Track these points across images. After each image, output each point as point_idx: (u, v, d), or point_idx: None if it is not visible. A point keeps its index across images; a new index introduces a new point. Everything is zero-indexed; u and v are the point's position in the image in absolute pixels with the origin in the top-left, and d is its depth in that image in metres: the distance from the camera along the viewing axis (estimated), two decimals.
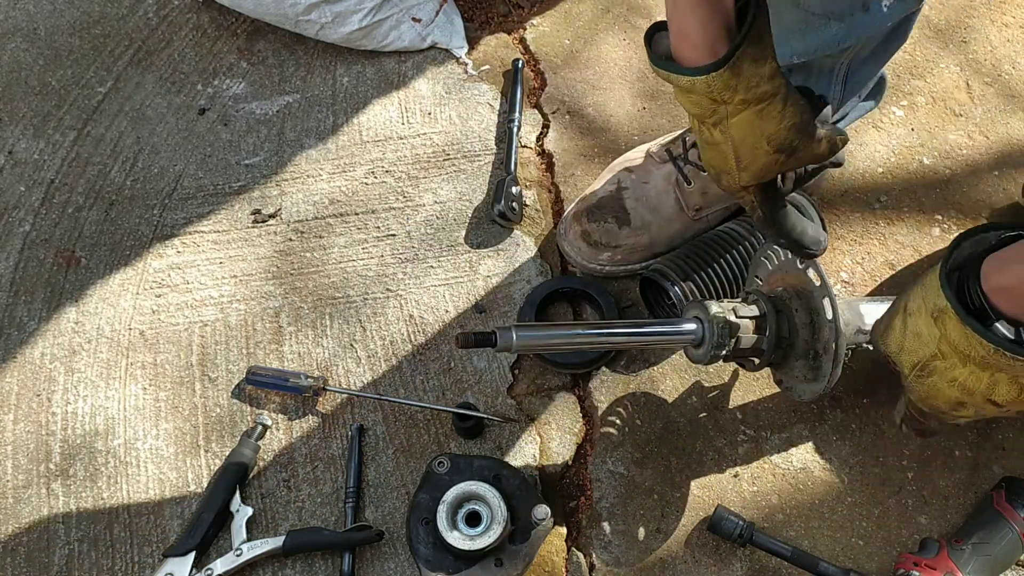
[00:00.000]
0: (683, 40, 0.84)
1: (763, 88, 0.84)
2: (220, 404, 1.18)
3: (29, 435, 1.16)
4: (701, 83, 0.83)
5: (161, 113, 1.42)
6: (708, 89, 0.84)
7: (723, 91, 0.84)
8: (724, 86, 0.83)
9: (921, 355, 0.83)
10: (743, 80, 0.83)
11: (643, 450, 1.16)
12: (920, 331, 0.82)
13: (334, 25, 1.42)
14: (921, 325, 0.82)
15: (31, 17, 1.51)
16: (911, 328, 0.83)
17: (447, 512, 1.04)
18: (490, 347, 0.88)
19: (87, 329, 1.23)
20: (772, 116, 0.86)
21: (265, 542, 1.07)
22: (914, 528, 1.13)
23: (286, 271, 1.29)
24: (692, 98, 0.86)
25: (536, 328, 0.95)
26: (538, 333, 0.95)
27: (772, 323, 1.02)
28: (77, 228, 1.31)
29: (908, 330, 0.84)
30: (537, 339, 0.94)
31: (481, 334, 0.88)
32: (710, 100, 0.85)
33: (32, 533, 1.10)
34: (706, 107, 0.86)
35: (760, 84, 0.84)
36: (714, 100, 0.85)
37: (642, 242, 1.24)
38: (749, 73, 0.83)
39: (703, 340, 1.01)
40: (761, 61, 0.83)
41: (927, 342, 0.82)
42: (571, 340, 1.00)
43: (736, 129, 0.87)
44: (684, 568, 1.10)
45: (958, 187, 1.38)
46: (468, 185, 1.36)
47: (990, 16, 1.56)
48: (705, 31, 0.82)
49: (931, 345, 0.81)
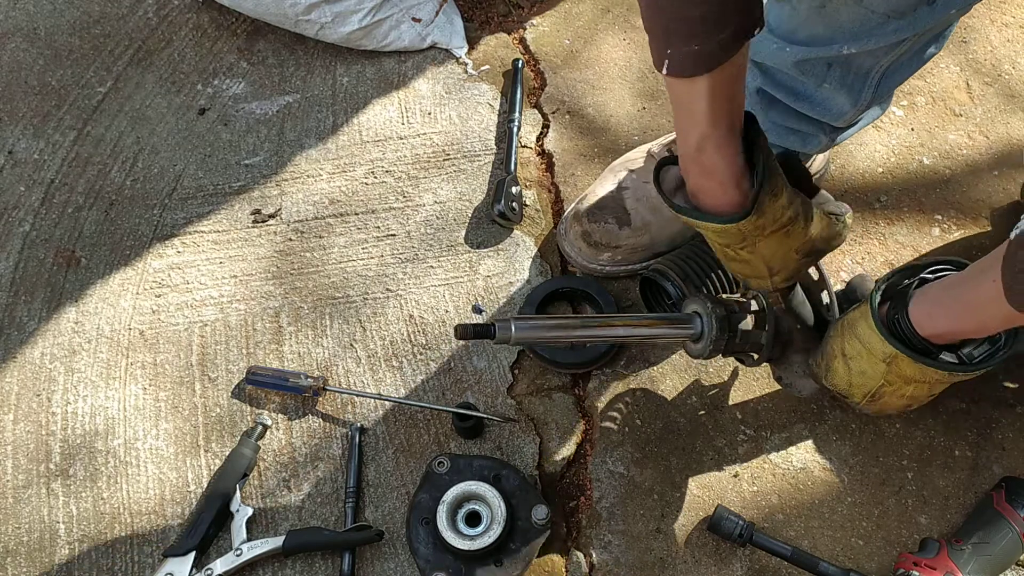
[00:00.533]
0: (709, 178, 0.89)
1: (787, 215, 0.91)
2: (220, 404, 1.18)
3: (29, 435, 1.16)
4: (733, 228, 0.89)
5: (161, 113, 1.42)
6: (740, 232, 0.90)
7: (753, 231, 0.90)
8: (754, 227, 0.90)
9: (870, 387, 0.96)
10: (768, 217, 0.89)
11: (643, 450, 1.16)
12: (865, 370, 0.94)
13: (334, 25, 1.42)
14: (865, 366, 0.94)
15: (31, 17, 1.51)
16: (856, 369, 0.95)
17: (447, 512, 1.04)
18: (489, 339, 0.89)
19: (87, 329, 1.23)
20: (797, 233, 0.94)
21: (265, 542, 1.07)
22: (914, 528, 1.13)
23: (286, 271, 1.29)
24: (721, 236, 0.93)
25: (534, 321, 0.95)
26: (536, 325, 0.95)
27: (771, 318, 1.02)
28: (77, 228, 1.31)
29: (853, 371, 0.96)
30: (535, 332, 0.94)
31: (480, 326, 0.88)
32: (740, 236, 0.91)
33: (32, 533, 1.10)
34: (735, 240, 0.93)
35: (783, 213, 0.90)
36: (744, 237, 0.91)
37: (642, 242, 1.24)
38: (771, 209, 0.89)
39: (702, 335, 1.01)
40: (778, 193, 0.89)
41: (874, 377, 0.94)
42: (569, 333, 1.00)
43: (765, 248, 0.94)
44: (684, 568, 1.10)
45: (958, 187, 1.38)
46: (468, 185, 1.36)
47: (990, 16, 1.56)
48: (732, 167, 0.87)
49: (878, 379, 0.94)
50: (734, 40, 0.79)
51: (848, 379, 0.97)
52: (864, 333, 0.93)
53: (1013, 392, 1.21)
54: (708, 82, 0.81)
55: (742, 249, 0.94)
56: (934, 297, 0.90)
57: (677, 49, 0.79)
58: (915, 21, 0.97)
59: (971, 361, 0.91)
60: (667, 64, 0.80)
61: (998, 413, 1.20)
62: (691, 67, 0.80)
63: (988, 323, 0.87)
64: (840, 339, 0.97)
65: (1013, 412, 1.20)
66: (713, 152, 0.86)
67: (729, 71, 0.81)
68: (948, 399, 1.19)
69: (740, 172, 0.88)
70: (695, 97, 0.82)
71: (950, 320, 0.89)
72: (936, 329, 0.89)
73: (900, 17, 0.96)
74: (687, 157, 0.89)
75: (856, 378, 0.96)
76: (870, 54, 1.02)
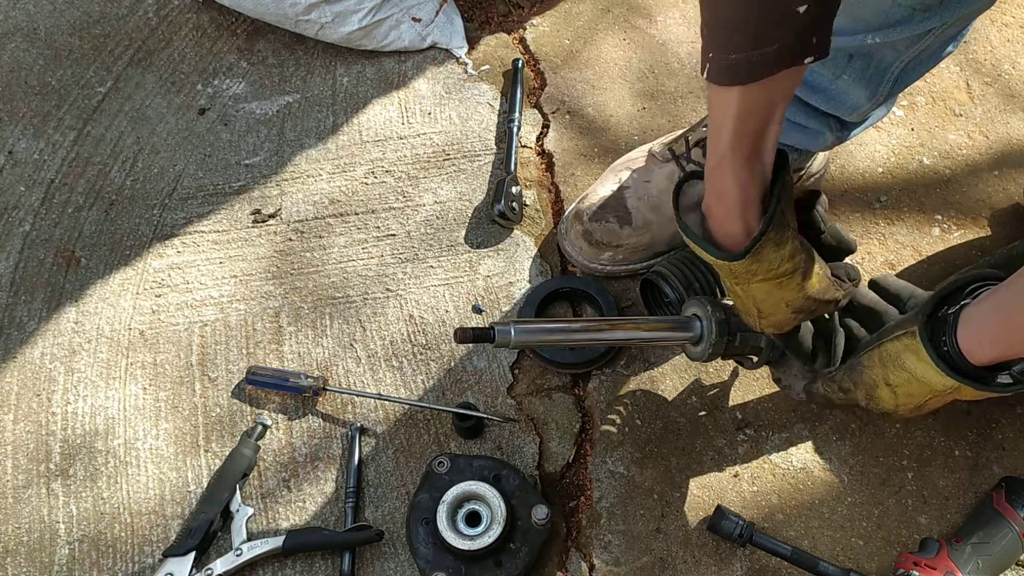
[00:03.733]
0: (718, 200, 0.87)
1: (784, 267, 0.88)
2: (220, 404, 1.18)
3: (29, 435, 1.16)
4: (724, 266, 0.88)
5: (161, 113, 1.42)
6: (731, 272, 0.89)
7: (744, 273, 0.89)
8: (745, 270, 0.88)
9: (916, 404, 0.94)
10: (764, 264, 0.87)
11: (643, 450, 1.16)
12: (913, 392, 0.93)
13: (334, 25, 1.42)
14: (916, 389, 0.92)
15: (31, 17, 1.50)
16: (903, 392, 0.93)
17: (447, 512, 1.04)
18: (488, 343, 0.89)
19: (87, 329, 1.23)
20: (791, 287, 0.91)
21: (265, 542, 1.07)
22: (914, 528, 1.13)
23: (286, 271, 1.29)
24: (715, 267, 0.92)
25: (534, 324, 0.95)
26: (535, 329, 0.95)
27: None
28: (77, 228, 1.31)
29: (900, 394, 0.94)
30: (534, 335, 0.94)
31: (479, 330, 0.87)
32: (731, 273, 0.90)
33: (32, 533, 1.10)
34: (726, 274, 0.91)
35: (781, 264, 0.88)
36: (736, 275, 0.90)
37: (643, 242, 1.24)
38: (770, 258, 0.87)
39: (701, 338, 1.01)
40: (783, 243, 0.87)
41: (922, 396, 0.93)
42: (569, 337, 1.00)
43: (757, 292, 0.92)
44: (684, 568, 1.10)
45: (958, 187, 1.38)
46: (468, 185, 1.36)
47: (990, 16, 1.56)
48: (743, 195, 0.85)
49: (925, 396, 0.92)
50: (777, 59, 0.74)
51: (895, 402, 0.95)
52: (916, 368, 0.90)
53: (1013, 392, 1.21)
54: (740, 97, 0.77)
55: (736, 285, 0.93)
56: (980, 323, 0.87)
57: (717, 55, 0.76)
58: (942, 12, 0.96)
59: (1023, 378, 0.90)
60: (708, 68, 0.78)
61: (998, 413, 1.20)
62: (728, 76, 0.77)
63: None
64: (881, 370, 0.94)
65: (1013, 412, 1.20)
66: (728, 174, 0.84)
67: (765, 93, 0.78)
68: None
69: (749, 204, 0.85)
70: (724, 109, 0.80)
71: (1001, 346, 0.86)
72: (987, 356, 0.87)
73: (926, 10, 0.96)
74: (708, 171, 0.87)
75: (903, 399, 0.94)
76: (893, 47, 1.02)
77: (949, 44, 1.05)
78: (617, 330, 1.04)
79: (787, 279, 0.90)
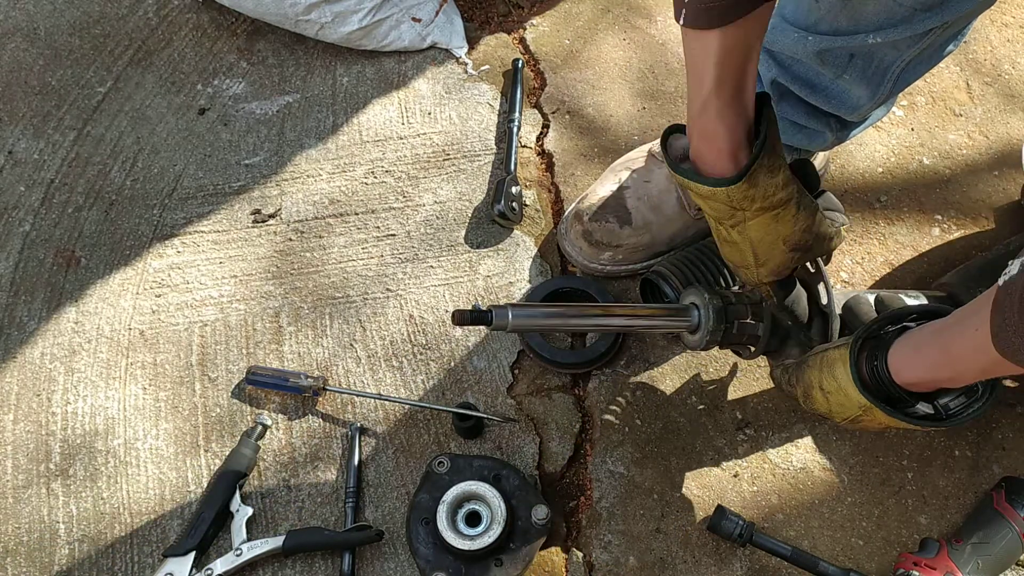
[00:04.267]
0: (708, 144, 0.88)
1: (779, 196, 0.90)
2: (220, 404, 1.18)
3: (29, 435, 1.16)
4: (721, 193, 0.89)
5: (161, 113, 1.42)
6: (728, 199, 0.89)
7: (742, 200, 0.89)
8: (743, 196, 0.89)
9: (848, 415, 0.96)
10: (760, 190, 0.89)
11: (643, 450, 1.16)
12: (843, 403, 0.95)
13: (334, 25, 1.42)
14: (844, 400, 0.94)
15: (31, 17, 1.50)
16: (835, 401, 0.95)
17: (447, 512, 1.04)
18: (485, 325, 0.89)
19: (87, 329, 1.23)
20: (787, 220, 0.93)
21: (265, 542, 1.07)
22: (914, 528, 1.13)
23: (286, 271, 1.29)
24: (712, 204, 0.92)
25: (531, 308, 0.95)
26: (533, 313, 0.95)
27: (768, 311, 1.02)
28: (77, 228, 1.31)
29: (832, 402, 0.96)
30: (532, 319, 0.94)
31: (477, 312, 0.88)
32: (729, 207, 0.90)
33: (32, 533, 1.10)
34: (725, 212, 0.92)
35: (776, 192, 0.90)
36: (733, 207, 0.90)
37: (643, 241, 1.24)
38: (765, 183, 0.88)
39: (699, 326, 1.01)
40: (775, 170, 0.88)
41: (851, 407, 0.94)
42: (566, 322, 1.00)
43: (754, 231, 0.93)
44: (684, 568, 1.10)
45: (958, 187, 1.38)
46: (468, 185, 1.36)
47: (990, 16, 1.56)
48: (731, 136, 0.87)
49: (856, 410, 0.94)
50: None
51: (828, 407, 0.97)
52: (841, 377, 0.93)
53: (1013, 392, 1.21)
54: (719, 40, 0.80)
55: (732, 228, 0.93)
56: (914, 344, 0.89)
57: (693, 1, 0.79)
58: (943, 11, 0.97)
59: (945, 413, 0.91)
60: (684, 14, 0.80)
61: (998, 413, 1.20)
62: (704, 19, 0.79)
63: (965, 373, 0.86)
64: (818, 373, 0.96)
65: (1013, 412, 1.20)
66: (714, 116, 0.85)
67: (742, 33, 0.80)
68: None
69: (739, 143, 0.87)
70: (705, 54, 0.82)
71: (928, 369, 0.88)
72: (913, 377, 0.89)
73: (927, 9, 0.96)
74: (691, 119, 0.88)
75: (835, 407, 0.96)
76: (894, 46, 1.02)
77: (950, 43, 1.05)
78: (614, 316, 1.04)
79: (783, 209, 0.91)
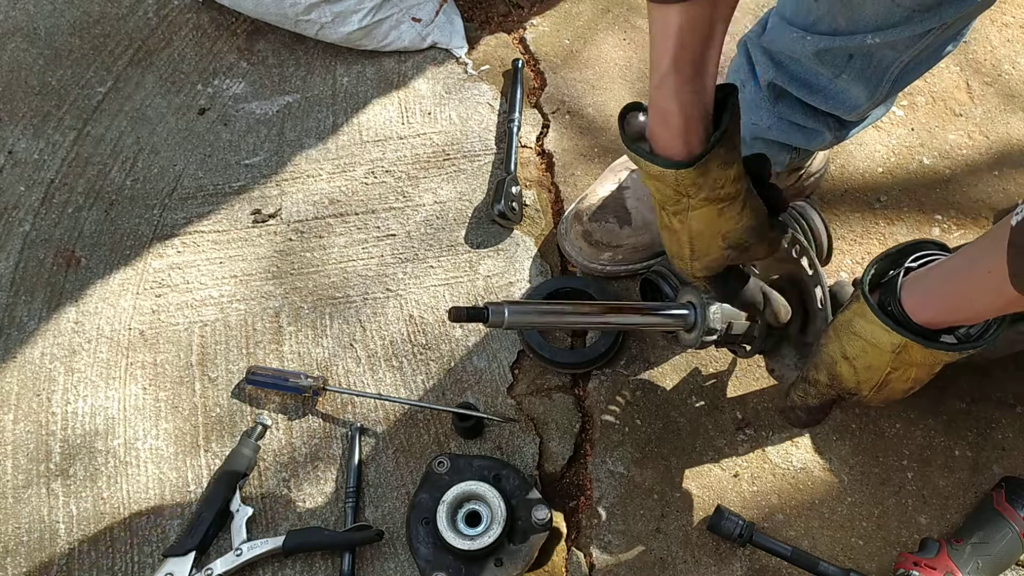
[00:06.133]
0: (662, 122, 0.86)
1: (727, 190, 0.89)
2: (220, 404, 1.18)
3: (29, 435, 1.16)
4: (670, 175, 0.87)
5: (161, 113, 1.42)
6: (676, 182, 0.88)
7: (689, 187, 0.88)
8: (691, 183, 0.87)
9: (878, 378, 0.94)
10: (709, 180, 0.87)
11: (643, 450, 1.16)
12: (872, 364, 0.93)
13: (334, 25, 1.42)
14: (871, 360, 0.93)
15: (31, 17, 1.51)
16: (862, 364, 0.94)
17: (447, 512, 1.04)
18: (481, 322, 0.88)
19: (87, 329, 1.23)
20: (730, 216, 0.91)
21: (265, 542, 1.07)
22: (914, 528, 1.13)
23: (286, 271, 1.29)
24: (658, 185, 0.90)
25: (528, 305, 0.95)
26: (530, 310, 0.95)
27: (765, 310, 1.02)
28: (77, 228, 1.31)
29: (859, 369, 0.94)
30: (528, 316, 0.93)
31: (474, 308, 0.87)
32: (675, 191, 0.89)
33: (32, 533, 1.10)
34: (670, 196, 0.90)
35: (725, 186, 0.88)
36: (679, 192, 0.89)
37: (643, 242, 1.24)
38: (716, 174, 0.87)
39: (695, 324, 1.01)
40: (729, 164, 0.87)
41: (881, 368, 0.93)
42: (563, 319, 1.00)
43: (695, 221, 0.92)
44: (684, 568, 1.10)
45: (958, 187, 1.38)
46: (468, 185, 1.36)
47: (990, 16, 1.56)
48: (685, 115, 0.85)
49: (885, 368, 0.93)
50: None
51: (856, 378, 0.96)
52: (865, 329, 0.92)
53: (1013, 392, 1.21)
54: (680, 15, 0.79)
55: (675, 215, 0.92)
56: (926, 288, 0.89)
57: None
58: (942, 12, 0.96)
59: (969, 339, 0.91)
60: None
61: (998, 413, 1.20)
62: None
63: (983, 312, 0.87)
64: (838, 342, 0.96)
65: (1013, 412, 1.20)
66: (669, 94, 0.84)
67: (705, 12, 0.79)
68: (948, 399, 1.20)
69: (693, 126, 0.85)
70: (666, 28, 0.81)
71: (945, 311, 0.88)
72: (930, 318, 0.89)
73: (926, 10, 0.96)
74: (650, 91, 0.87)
75: (863, 374, 0.95)
76: (893, 46, 1.02)
77: (949, 44, 1.05)
78: (611, 314, 1.04)
79: (728, 205, 0.90)
